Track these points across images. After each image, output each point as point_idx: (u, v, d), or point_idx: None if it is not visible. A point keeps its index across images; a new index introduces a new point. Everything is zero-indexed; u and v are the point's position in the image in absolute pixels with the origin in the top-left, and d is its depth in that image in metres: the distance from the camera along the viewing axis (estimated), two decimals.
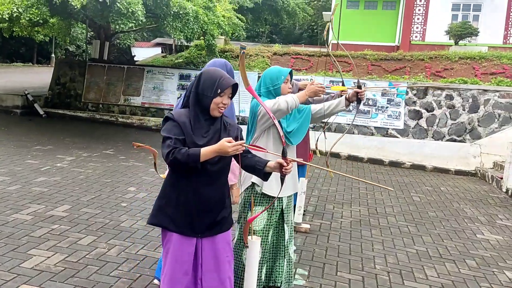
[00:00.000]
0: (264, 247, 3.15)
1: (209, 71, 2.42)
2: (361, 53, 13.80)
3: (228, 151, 2.20)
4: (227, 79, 2.38)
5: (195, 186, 2.33)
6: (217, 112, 2.36)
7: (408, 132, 10.53)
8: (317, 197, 6.53)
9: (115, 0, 7.29)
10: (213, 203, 2.39)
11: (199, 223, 2.37)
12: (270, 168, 2.43)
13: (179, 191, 2.34)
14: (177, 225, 2.35)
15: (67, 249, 3.86)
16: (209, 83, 2.33)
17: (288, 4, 19.71)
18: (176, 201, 2.35)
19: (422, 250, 4.77)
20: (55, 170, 6.50)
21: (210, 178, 2.36)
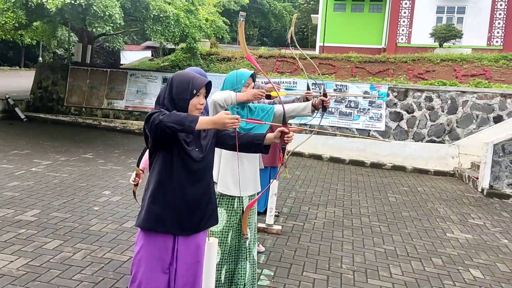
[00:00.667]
0: (223, 249, 3.16)
1: (179, 75, 2.43)
2: (346, 56, 13.91)
3: (225, 121, 2.19)
4: (200, 78, 2.40)
5: (181, 184, 2.34)
6: (196, 113, 2.37)
7: (389, 134, 10.62)
8: (294, 198, 6.57)
9: (91, 3, 7.31)
10: (200, 201, 2.42)
11: (187, 221, 2.38)
12: (269, 139, 2.45)
13: (165, 190, 2.34)
14: (166, 225, 2.34)
15: (32, 254, 3.86)
16: (183, 86, 2.34)
17: (275, 7, 19.86)
18: (163, 201, 2.34)
19: (390, 249, 4.83)
20: (30, 174, 6.49)
21: (196, 175, 2.38)
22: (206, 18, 11.55)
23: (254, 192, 3.30)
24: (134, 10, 8.50)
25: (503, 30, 20.59)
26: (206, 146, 2.44)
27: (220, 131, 2.54)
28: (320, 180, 7.93)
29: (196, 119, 2.16)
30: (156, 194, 2.35)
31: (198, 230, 2.46)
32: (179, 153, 2.34)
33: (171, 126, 2.14)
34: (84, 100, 12.03)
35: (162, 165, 2.35)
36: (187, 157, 2.34)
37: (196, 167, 2.37)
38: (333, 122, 10.72)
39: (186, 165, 2.34)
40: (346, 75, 12.83)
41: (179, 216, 2.36)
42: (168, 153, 2.35)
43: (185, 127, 2.14)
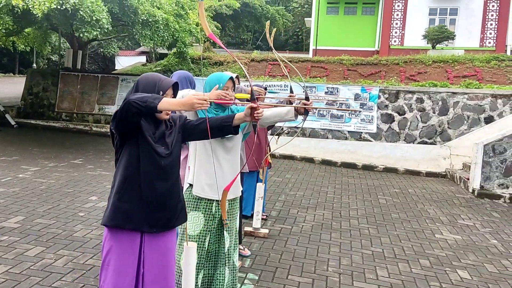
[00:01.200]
0: (200, 253, 3.10)
1: (145, 76, 2.42)
2: (338, 58, 13.93)
3: (193, 102, 2.15)
4: (166, 80, 2.39)
5: (148, 180, 2.30)
6: (164, 115, 2.35)
7: (381, 136, 10.62)
8: (283, 202, 6.54)
9: (78, 8, 7.28)
10: (168, 198, 2.38)
11: (156, 217, 2.34)
12: (239, 119, 2.43)
13: (132, 186, 2.30)
14: (133, 222, 2.30)
15: (12, 261, 3.81)
16: (149, 87, 2.32)
17: (268, 10, 19.87)
18: (129, 197, 2.30)
19: (377, 251, 4.80)
20: (16, 181, 6.43)
21: (163, 172, 2.35)
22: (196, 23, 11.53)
23: (234, 196, 3.24)
24: (122, 15, 8.48)
25: (495, 31, 20.67)
26: (171, 142, 2.42)
27: (185, 123, 2.52)
28: (310, 183, 7.90)
29: (160, 97, 2.13)
30: (123, 190, 2.32)
31: (168, 227, 2.42)
32: (145, 149, 2.31)
33: (135, 101, 2.09)
34: (75, 105, 11.98)
35: (128, 161, 2.32)
36: (154, 153, 2.31)
37: (164, 163, 2.34)
38: (324, 125, 10.71)
39: (153, 161, 2.31)
40: (338, 77, 12.84)
41: (147, 212, 2.32)
42: (135, 149, 2.31)
43: (148, 103, 2.10)
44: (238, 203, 3.30)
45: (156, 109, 2.13)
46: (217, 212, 3.15)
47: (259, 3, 18.81)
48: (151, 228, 2.36)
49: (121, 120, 2.21)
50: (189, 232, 3.05)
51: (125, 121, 2.20)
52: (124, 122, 2.21)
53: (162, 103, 2.13)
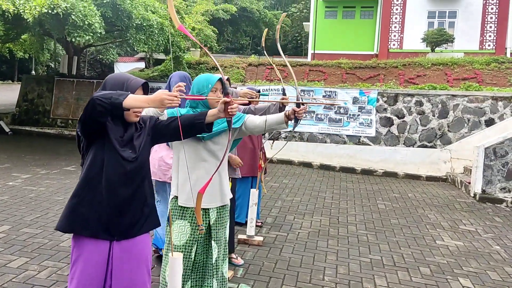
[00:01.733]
0: (186, 264, 2.94)
1: (113, 76, 2.29)
2: (336, 62, 13.82)
3: (163, 97, 2.02)
4: (135, 79, 2.25)
5: (110, 185, 2.15)
6: (133, 117, 2.22)
7: (380, 140, 10.46)
8: (279, 208, 6.38)
9: (70, 12, 7.15)
10: (130, 204, 2.23)
11: (116, 224, 2.19)
12: (212, 115, 2.29)
13: (93, 190, 2.16)
14: (90, 228, 2.15)
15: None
16: (117, 88, 2.18)
17: (265, 15, 19.80)
18: (89, 201, 2.15)
19: (376, 259, 4.63)
20: (6, 189, 6.28)
21: (126, 177, 2.20)
22: (193, 27, 11.42)
23: (223, 203, 3.08)
24: (116, 19, 8.35)
25: (494, 34, 20.56)
26: (139, 146, 2.27)
27: (156, 123, 2.37)
28: (308, 188, 7.74)
29: (125, 94, 1.99)
30: (82, 193, 2.16)
31: (131, 235, 2.26)
32: (110, 152, 2.17)
33: (99, 98, 1.96)
34: (71, 112, 11.85)
35: (91, 163, 2.18)
36: (119, 157, 2.17)
37: (129, 168, 2.20)
38: (322, 129, 10.56)
39: (117, 166, 2.17)
40: (336, 81, 12.71)
41: (105, 218, 2.16)
42: (100, 151, 2.17)
43: (113, 100, 1.96)
44: (228, 211, 3.13)
45: (121, 106, 1.98)
46: (205, 220, 3.00)
47: (257, 8, 18.74)
48: (112, 236, 2.20)
49: (86, 119, 2.06)
50: (174, 242, 2.89)
51: (91, 121, 2.06)
52: (89, 122, 2.07)
53: (128, 99, 1.98)
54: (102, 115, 2.01)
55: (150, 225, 2.36)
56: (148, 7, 8.90)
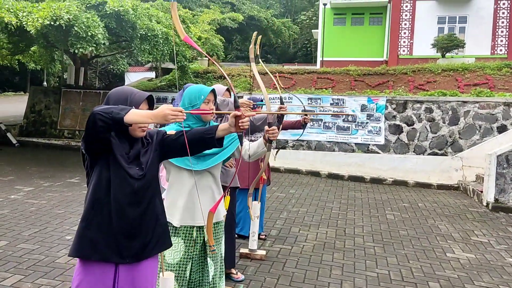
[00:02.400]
0: (181, 283, 2.81)
1: (116, 90, 2.20)
2: (344, 69, 13.66)
3: (166, 113, 1.90)
4: (139, 93, 2.16)
5: (118, 205, 2.05)
6: (139, 132, 2.12)
7: (389, 148, 10.25)
8: (284, 219, 6.22)
9: (73, 24, 7.14)
10: (141, 223, 2.12)
11: (127, 246, 2.08)
12: (223, 130, 2.16)
13: (100, 212, 2.06)
14: (100, 252, 2.05)
15: None
16: (120, 102, 2.10)
17: (273, 23, 19.76)
18: (97, 224, 2.05)
19: (383, 273, 4.45)
20: (7, 202, 6.22)
21: (135, 196, 2.09)
22: (199, 36, 11.38)
23: (217, 220, 2.95)
24: (120, 30, 8.33)
25: (506, 38, 20.23)
26: (146, 162, 2.16)
27: (163, 138, 2.26)
28: (315, 198, 7.57)
29: (127, 109, 1.89)
30: (90, 216, 2.07)
31: (143, 257, 2.15)
32: (116, 170, 2.06)
33: (100, 113, 1.86)
34: (77, 122, 11.86)
35: (97, 184, 2.07)
36: (126, 175, 2.06)
37: (137, 186, 2.09)
38: (330, 137, 10.39)
39: (124, 184, 2.06)
40: (345, 88, 12.55)
41: (116, 241, 2.06)
42: (105, 170, 2.07)
43: (113, 115, 1.86)
44: (222, 226, 3.00)
45: (122, 121, 1.88)
46: (199, 237, 2.86)
47: (265, 16, 18.70)
48: (122, 259, 2.10)
49: (88, 137, 1.97)
50: (168, 260, 2.77)
51: (93, 138, 1.96)
52: (92, 139, 1.97)
53: (129, 114, 1.88)
54: (104, 130, 1.91)
55: (162, 246, 2.26)
56: (152, 17, 8.87)
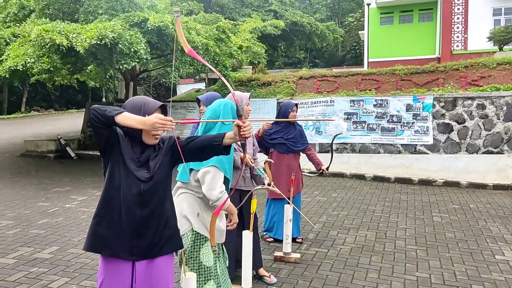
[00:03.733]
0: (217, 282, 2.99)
1: (132, 100, 2.34)
2: (390, 69, 13.30)
3: (153, 121, 2.03)
4: (153, 102, 2.28)
5: (126, 205, 2.18)
6: (153, 140, 2.25)
7: (438, 148, 9.86)
8: (323, 223, 6.17)
9: (117, 41, 7.55)
10: (149, 224, 2.23)
11: (135, 245, 2.21)
12: (230, 138, 2.22)
13: (111, 209, 2.20)
14: (111, 247, 2.19)
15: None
16: (134, 112, 2.20)
17: (317, 27, 19.63)
18: (108, 221, 2.20)
19: (423, 277, 4.30)
20: (62, 211, 6.65)
21: (142, 198, 2.21)
22: (240, 45, 11.57)
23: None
24: (161, 44, 8.69)
25: None
26: (154, 166, 2.26)
27: (174, 144, 2.33)
28: (357, 202, 7.44)
29: (121, 111, 2.06)
30: (101, 213, 2.22)
31: (150, 256, 2.26)
32: (125, 172, 2.20)
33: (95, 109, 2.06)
34: None
35: (109, 183, 2.22)
36: (134, 177, 2.19)
37: (143, 188, 2.20)
38: (375, 139, 10.16)
39: (132, 186, 2.19)
40: (391, 89, 12.21)
41: (125, 238, 2.19)
42: (117, 171, 2.21)
43: (106, 113, 2.04)
44: None
45: (113, 120, 2.05)
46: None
47: (308, 21, 18.64)
48: (131, 256, 2.22)
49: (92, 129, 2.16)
50: (207, 264, 2.93)
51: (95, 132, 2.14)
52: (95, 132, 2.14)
53: (121, 116, 2.06)
54: (97, 125, 2.08)
55: (171, 247, 2.34)
56: (191, 30, 9.16)
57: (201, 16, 13.43)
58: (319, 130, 10.74)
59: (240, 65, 12.36)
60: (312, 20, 19.27)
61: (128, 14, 8.75)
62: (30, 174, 9.98)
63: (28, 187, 8.48)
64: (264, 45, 14.48)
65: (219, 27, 10.39)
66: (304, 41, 20.80)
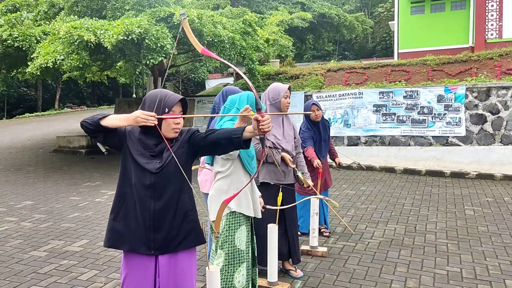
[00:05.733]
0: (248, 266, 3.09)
1: (151, 93, 2.32)
2: (421, 59, 12.96)
3: (136, 116, 2.10)
4: (173, 96, 2.27)
5: (140, 199, 2.19)
6: (172, 133, 2.24)
7: (471, 139, 9.55)
8: (351, 216, 6.08)
9: (144, 37, 7.63)
10: (165, 218, 2.22)
11: (152, 239, 2.21)
12: (249, 132, 2.17)
13: (126, 204, 2.22)
14: (128, 242, 2.21)
15: (65, 285, 3.92)
16: (154, 104, 2.21)
17: (345, 18, 19.31)
18: (123, 215, 2.22)
19: (454, 271, 4.17)
20: (92, 205, 6.79)
21: (155, 190, 2.20)
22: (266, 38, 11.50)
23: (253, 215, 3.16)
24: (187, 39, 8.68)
25: None
26: (167, 158, 2.24)
27: (193, 135, 2.32)
28: (387, 195, 7.29)
29: (107, 114, 2.14)
30: (117, 209, 2.25)
31: (168, 250, 2.24)
32: (135, 164, 2.21)
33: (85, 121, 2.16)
34: None
35: (122, 178, 2.27)
36: (143, 169, 2.20)
37: (154, 180, 2.19)
38: (405, 131, 9.93)
39: (142, 178, 2.19)
40: (421, 79, 11.90)
41: (141, 232, 2.19)
42: (128, 165, 2.23)
43: (93, 120, 2.13)
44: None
45: (99, 124, 2.13)
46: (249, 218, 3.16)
47: (336, 12, 18.34)
48: (149, 250, 2.22)
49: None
50: (240, 247, 3.02)
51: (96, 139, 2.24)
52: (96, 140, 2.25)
53: (107, 119, 2.14)
54: (91, 133, 2.18)
55: (191, 242, 2.32)
56: (217, 24, 9.16)
57: (227, 10, 13.42)
58: (348, 123, 10.58)
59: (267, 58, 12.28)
60: (341, 11, 18.94)
61: (154, 9, 8.82)
62: (62, 169, 10.26)
63: (60, 182, 8.72)
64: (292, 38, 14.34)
65: (245, 21, 10.35)
66: (333, 33, 20.49)
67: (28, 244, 5.00)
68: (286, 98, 3.89)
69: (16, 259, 4.56)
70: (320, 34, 20.56)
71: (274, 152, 3.80)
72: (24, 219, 6.10)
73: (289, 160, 3.88)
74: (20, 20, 9.61)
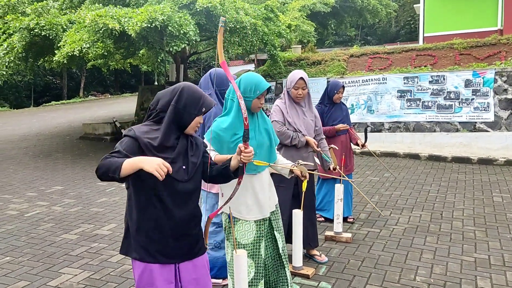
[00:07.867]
0: (257, 262, 2.93)
1: (191, 88, 2.23)
2: (448, 43, 12.65)
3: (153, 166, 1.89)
4: (209, 98, 2.26)
5: (167, 208, 2.13)
6: (193, 131, 2.24)
7: (500, 125, 9.32)
8: (376, 202, 6.04)
9: (167, 24, 7.66)
10: (188, 225, 2.22)
11: (176, 248, 2.19)
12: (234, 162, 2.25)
13: (150, 215, 2.12)
14: (152, 255, 2.14)
15: (96, 267, 4.04)
16: (194, 100, 2.17)
17: (368, 2, 18.92)
18: (147, 228, 2.12)
19: (482, 258, 4.12)
20: (118, 190, 6.94)
21: (182, 198, 2.17)
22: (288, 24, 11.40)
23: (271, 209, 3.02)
24: (210, 25, 8.73)
25: None
26: (194, 164, 2.22)
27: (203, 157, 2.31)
28: (411, 181, 7.21)
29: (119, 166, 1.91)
30: (140, 220, 2.14)
31: (191, 256, 2.26)
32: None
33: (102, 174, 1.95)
34: None
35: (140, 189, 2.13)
36: (171, 179, 2.09)
37: (182, 188, 2.15)
38: (430, 117, 9.76)
39: (170, 187, 2.11)
40: (448, 64, 11.63)
41: (165, 243, 2.16)
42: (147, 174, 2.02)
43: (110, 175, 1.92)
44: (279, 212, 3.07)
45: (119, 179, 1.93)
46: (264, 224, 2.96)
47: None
48: (172, 259, 2.19)
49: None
50: (242, 241, 2.88)
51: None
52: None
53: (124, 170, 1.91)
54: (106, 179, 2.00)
55: (203, 248, 2.35)
56: (240, 10, 9.11)
57: None
58: (371, 109, 10.45)
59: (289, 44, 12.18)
60: None
61: None
62: (88, 156, 10.48)
63: (87, 167, 8.92)
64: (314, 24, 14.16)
65: (267, 6, 10.28)
66: (355, 17, 20.14)
67: (59, 228, 5.16)
68: (297, 89, 3.81)
69: (48, 241, 4.72)
70: (343, 19, 20.23)
71: (300, 136, 3.81)
72: (55, 203, 6.28)
73: (313, 143, 3.87)
74: (47, 9, 9.77)
